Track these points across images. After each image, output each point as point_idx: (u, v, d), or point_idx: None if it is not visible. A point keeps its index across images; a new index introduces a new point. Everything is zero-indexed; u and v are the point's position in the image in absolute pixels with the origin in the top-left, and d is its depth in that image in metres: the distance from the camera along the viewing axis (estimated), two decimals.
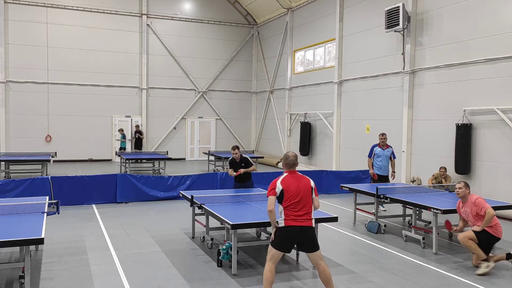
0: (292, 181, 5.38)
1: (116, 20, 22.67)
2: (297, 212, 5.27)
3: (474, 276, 6.61)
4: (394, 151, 11.72)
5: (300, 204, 5.29)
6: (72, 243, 8.07)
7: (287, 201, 5.30)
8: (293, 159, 5.52)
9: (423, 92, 13.93)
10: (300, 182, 5.40)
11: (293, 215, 5.26)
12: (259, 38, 25.42)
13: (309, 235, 5.30)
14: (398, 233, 9.18)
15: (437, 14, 13.40)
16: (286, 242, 5.33)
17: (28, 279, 5.29)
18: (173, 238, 8.51)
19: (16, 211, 6.56)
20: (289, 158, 5.53)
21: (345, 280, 6.36)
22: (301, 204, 5.30)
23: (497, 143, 11.57)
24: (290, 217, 5.26)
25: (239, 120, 25.76)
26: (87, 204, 11.70)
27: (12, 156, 16.45)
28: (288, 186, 5.33)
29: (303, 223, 5.25)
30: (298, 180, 5.42)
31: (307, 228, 5.28)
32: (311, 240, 5.33)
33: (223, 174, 13.27)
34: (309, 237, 5.30)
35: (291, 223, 5.24)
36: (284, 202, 5.31)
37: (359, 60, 16.91)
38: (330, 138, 18.71)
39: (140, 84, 23.24)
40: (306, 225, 5.27)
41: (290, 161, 5.51)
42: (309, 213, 5.35)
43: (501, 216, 10.64)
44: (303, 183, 5.41)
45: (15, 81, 20.92)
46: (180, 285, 6.09)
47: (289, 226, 5.24)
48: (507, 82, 11.34)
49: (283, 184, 5.34)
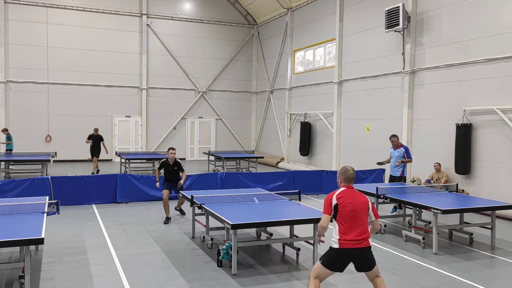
0: (349, 197, 5.01)
1: (116, 20, 22.67)
2: (352, 231, 4.89)
3: (474, 276, 6.61)
4: (409, 151, 11.08)
5: (356, 222, 4.93)
6: (72, 243, 8.07)
7: (341, 218, 4.95)
8: (352, 173, 5.16)
9: (423, 92, 13.93)
10: (357, 198, 5.04)
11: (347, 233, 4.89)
12: (259, 38, 25.42)
13: (365, 256, 4.93)
14: (398, 233, 9.18)
15: (437, 14, 13.40)
16: (340, 264, 4.95)
17: (28, 279, 5.29)
18: (173, 238, 8.51)
19: (16, 211, 6.56)
20: (349, 171, 5.16)
21: (345, 280, 6.36)
22: (356, 222, 4.93)
23: (497, 143, 11.57)
24: (345, 237, 4.88)
25: (239, 120, 25.76)
26: (87, 204, 11.70)
27: (12, 156, 16.46)
28: (344, 201, 4.96)
29: (359, 245, 4.88)
30: (355, 196, 5.05)
31: (365, 249, 4.93)
32: (368, 260, 4.96)
33: (223, 174, 13.27)
34: (366, 258, 4.94)
35: (346, 245, 4.86)
36: (339, 218, 4.96)
37: (359, 60, 16.91)
38: (330, 138, 18.71)
39: (140, 84, 23.24)
40: (363, 246, 4.90)
41: (350, 175, 5.14)
42: (366, 232, 4.97)
43: (501, 216, 10.65)
44: (360, 200, 5.04)
45: (15, 81, 20.92)
46: (180, 285, 6.09)
47: (344, 249, 4.86)
48: (507, 82, 11.34)
49: (338, 199, 4.98)
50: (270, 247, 7.96)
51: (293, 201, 8.19)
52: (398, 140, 11.11)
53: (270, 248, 7.93)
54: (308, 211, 7.39)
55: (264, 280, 6.31)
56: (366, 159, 16.27)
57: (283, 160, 21.84)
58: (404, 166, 11.08)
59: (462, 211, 7.98)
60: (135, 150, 23.06)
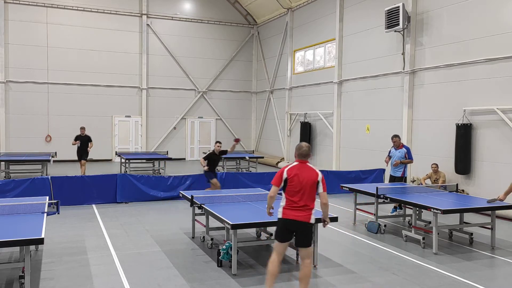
0: (299, 172, 5.36)
1: (116, 20, 22.67)
2: (296, 204, 5.29)
3: (474, 276, 6.61)
4: (410, 152, 10.98)
5: (299, 195, 5.29)
6: (72, 243, 8.07)
7: (288, 190, 5.34)
8: (306, 149, 5.49)
9: (423, 92, 13.93)
10: (306, 173, 5.37)
11: (291, 205, 5.30)
12: (259, 38, 25.42)
13: (302, 230, 5.31)
14: (398, 233, 9.18)
15: (437, 14, 13.40)
16: (284, 233, 5.37)
17: (28, 279, 5.29)
18: (173, 238, 8.51)
19: (16, 211, 6.56)
20: (302, 148, 5.50)
21: (345, 280, 6.36)
22: (300, 195, 5.29)
23: (497, 143, 11.57)
24: (288, 207, 5.30)
25: (239, 120, 25.76)
26: (87, 204, 11.70)
27: (12, 156, 16.46)
28: (293, 175, 5.33)
29: (298, 217, 5.26)
30: (305, 171, 5.38)
31: (302, 224, 5.29)
32: (305, 235, 5.34)
33: (223, 174, 13.28)
34: (303, 231, 5.32)
35: (287, 215, 5.29)
36: (286, 190, 5.36)
37: (359, 60, 16.91)
38: (330, 138, 18.71)
39: (140, 84, 23.24)
40: (302, 220, 5.28)
41: (303, 151, 5.48)
42: (308, 207, 5.32)
43: (501, 216, 10.65)
44: (309, 174, 5.37)
45: (15, 81, 20.92)
46: (180, 285, 6.09)
47: (284, 219, 5.30)
48: (507, 82, 11.34)
49: (289, 172, 5.35)
50: (270, 247, 7.95)
51: None
52: (400, 140, 11.10)
53: (270, 248, 7.92)
54: None
55: (264, 280, 6.30)
56: (366, 159, 16.27)
57: (283, 160, 21.84)
58: (405, 167, 11.07)
59: (462, 211, 7.99)
60: (135, 150, 23.05)
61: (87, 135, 16.31)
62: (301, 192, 5.29)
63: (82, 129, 16.29)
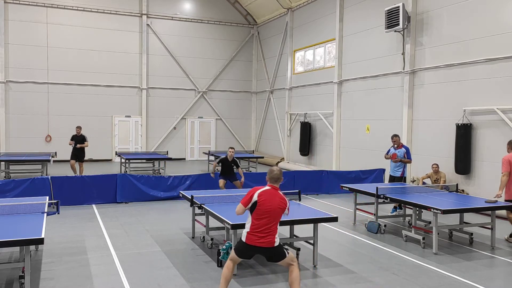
0: (269, 198, 5.28)
1: (116, 20, 22.67)
2: (260, 229, 5.21)
3: (474, 276, 6.61)
4: (409, 152, 11.04)
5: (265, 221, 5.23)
6: (72, 243, 8.07)
7: (255, 213, 5.26)
8: (277, 173, 5.43)
9: (423, 92, 13.93)
10: (276, 201, 5.30)
11: (255, 230, 5.22)
12: (259, 38, 25.42)
13: (268, 253, 5.28)
14: (398, 233, 9.18)
15: (437, 14, 13.40)
16: (246, 255, 5.39)
17: (28, 279, 5.29)
18: (173, 238, 8.51)
19: (16, 211, 6.56)
20: (273, 172, 5.44)
21: (345, 280, 6.36)
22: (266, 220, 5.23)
23: (497, 143, 11.57)
24: (252, 232, 5.23)
25: (239, 120, 25.76)
26: (87, 204, 11.70)
27: (12, 156, 16.45)
28: (263, 200, 5.25)
29: (262, 244, 5.21)
30: (276, 198, 5.31)
31: (268, 249, 5.24)
32: (274, 254, 5.30)
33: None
34: (270, 253, 5.29)
35: (251, 241, 5.22)
36: (253, 213, 5.28)
37: (359, 60, 16.91)
38: (330, 138, 18.71)
39: (140, 84, 23.24)
40: (266, 246, 5.22)
41: (275, 175, 5.42)
42: (272, 232, 5.26)
43: (502, 216, 10.64)
44: (278, 202, 5.30)
45: (15, 81, 20.92)
46: (180, 285, 6.09)
47: (248, 244, 5.24)
48: (507, 82, 11.34)
49: (259, 196, 5.27)
50: None
51: (293, 201, 8.18)
52: (399, 140, 11.13)
53: None
54: (308, 211, 7.40)
55: (264, 280, 6.31)
56: (366, 159, 16.28)
57: (283, 160, 21.85)
58: (404, 167, 11.07)
59: (462, 211, 8.00)
60: (135, 150, 23.05)
61: (82, 135, 16.10)
62: (268, 218, 5.24)
63: (78, 128, 16.11)
